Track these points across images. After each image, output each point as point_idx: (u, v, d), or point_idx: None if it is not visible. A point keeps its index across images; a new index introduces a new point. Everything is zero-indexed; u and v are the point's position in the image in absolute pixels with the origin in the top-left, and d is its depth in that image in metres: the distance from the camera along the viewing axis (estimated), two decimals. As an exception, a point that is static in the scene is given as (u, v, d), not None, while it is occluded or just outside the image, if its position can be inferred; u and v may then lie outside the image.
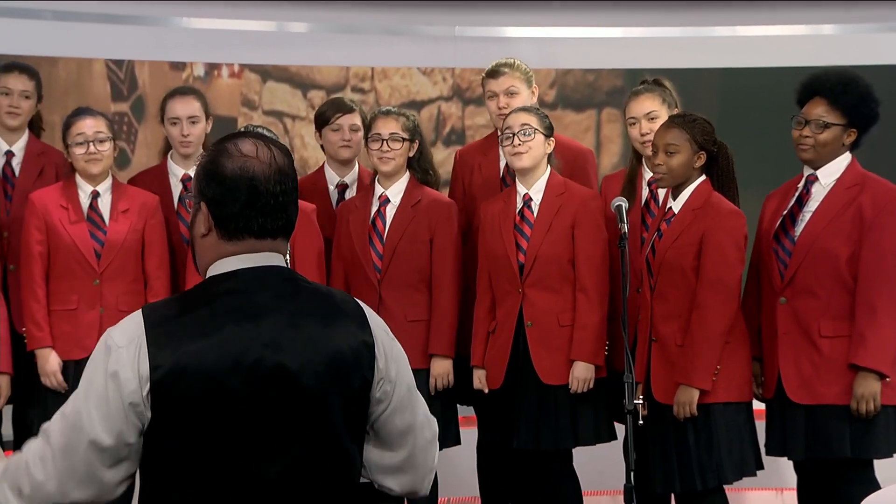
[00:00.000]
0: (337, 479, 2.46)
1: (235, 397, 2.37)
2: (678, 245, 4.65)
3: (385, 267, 5.11)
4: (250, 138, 2.50)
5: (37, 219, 5.06)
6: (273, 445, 2.39)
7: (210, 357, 2.37)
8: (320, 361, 2.42)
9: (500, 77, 5.34)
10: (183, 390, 2.36)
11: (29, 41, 6.60)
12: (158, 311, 2.44)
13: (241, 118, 7.05)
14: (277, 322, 2.42)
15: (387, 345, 2.52)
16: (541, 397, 4.94)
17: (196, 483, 2.39)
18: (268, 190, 2.45)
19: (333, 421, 2.44)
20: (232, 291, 2.44)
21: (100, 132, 5.11)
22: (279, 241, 2.51)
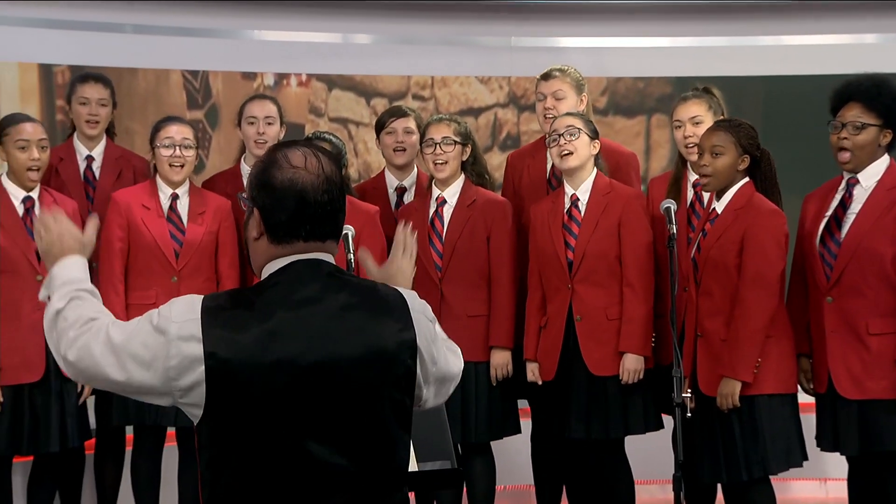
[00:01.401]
0: (381, 464, 2.46)
1: (280, 387, 2.39)
2: (721, 243, 4.64)
3: (445, 265, 5.14)
4: (300, 149, 2.52)
5: (119, 216, 5.12)
6: (318, 432, 2.41)
7: (257, 348, 2.39)
8: (364, 352, 2.44)
9: (551, 80, 5.34)
10: (232, 379, 2.39)
11: (111, 53, 6.67)
12: (216, 302, 2.46)
13: (308, 125, 7.09)
14: (322, 315, 2.44)
15: (425, 329, 2.54)
16: (591, 388, 4.94)
17: (247, 466, 2.41)
18: (316, 200, 2.48)
19: (378, 409, 2.45)
20: (279, 286, 2.47)
21: (186, 139, 5.18)
22: (328, 243, 2.53)
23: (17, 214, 4.97)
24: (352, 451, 2.43)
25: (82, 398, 5.06)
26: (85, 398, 5.08)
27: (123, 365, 2.45)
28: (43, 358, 4.92)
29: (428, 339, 2.53)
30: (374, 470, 2.45)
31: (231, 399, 2.40)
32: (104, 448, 5.46)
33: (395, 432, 2.48)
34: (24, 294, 4.91)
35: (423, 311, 2.56)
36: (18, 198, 4.99)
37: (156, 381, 2.44)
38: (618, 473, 5.08)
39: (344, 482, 2.42)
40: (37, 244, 2.67)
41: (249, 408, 2.40)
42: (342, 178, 2.55)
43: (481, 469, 5.24)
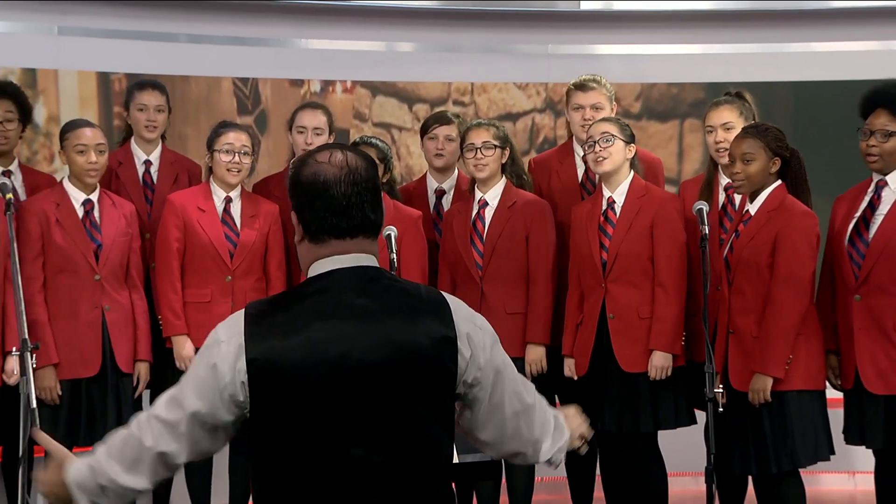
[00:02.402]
0: (423, 461, 2.44)
1: (321, 389, 2.39)
2: (754, 244, 4.64)
3: (486, 264, 5.16)
4: (328, 148, 2.52)
5: (175, 217, 5.16)
6: (358, 432, 2.40)
7: (298, 352, 2.40)
8: (401, 355, 2.41)
9: (589, 92, 5.34)
10: (274, 382, 2.40)
11: (165, 61, 6.71)
12: (258, 309, 2.47)
13: (353, 130, 7.12)
14: (361, 319, 2.42)
15: (473, 335, 2.48)
16: (622, 384, 4.95)
17: (290, 465, 2.42)
18: (339, 191, 2.45)
19: (416, 409, 2.43)
20: (320, 291, 2.46)
21: (245, 146, 5.21)
22: (361, 239, 2.49)
23: (77, 216, 5.01)
24: (390, 450, 2.42)
25: (138, 392, 5.10)
26: (140, 392, 5.13)
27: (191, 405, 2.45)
28: (100, 353, 4.97)
29: (473, 344, 2.47)
30: (414, 468, 2.43)
31: (273, 401, 2.42)
32: (158, 440, 5.50)
33: (436, 431, 2.45)
34: (82, 293, 4.97)
35: (471, 319, 2.50)
36: (79, 200, 5.03)
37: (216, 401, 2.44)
38: (651, 467, 5.09)
39: (383, 480, 2.42)
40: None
41: (290, 410, 2.41)
42: (374, 175, 2.50)
43: (519, 461, 5.25)
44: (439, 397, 2.45)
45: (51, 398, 4.90)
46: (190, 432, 2.46)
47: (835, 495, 6.38)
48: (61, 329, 4.94)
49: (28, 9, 6.46)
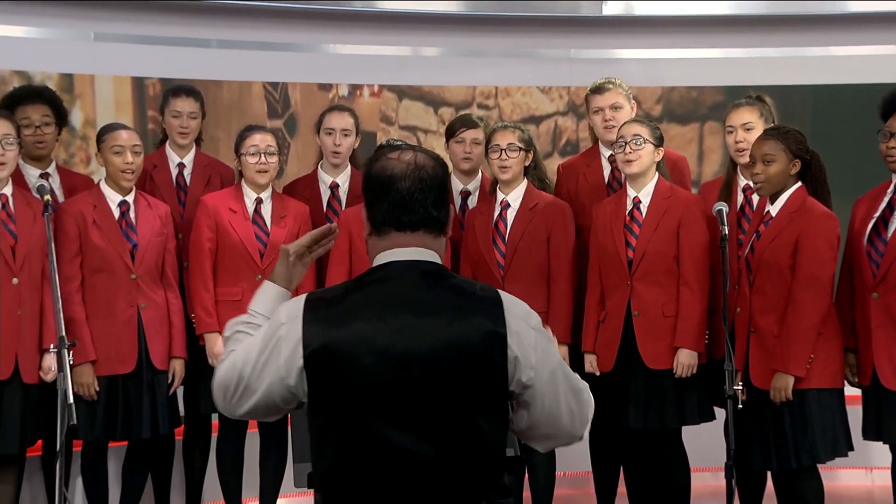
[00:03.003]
0: (472, 454, 2.45)
1: (370, 377, 2.43)
2: (776, 245, 4.63)
3: (507, 264, 5.16)
4: (401, 147, 2.57)
5: (208, 218, 5.18)
6: (406, 420, 2.43)
7: (349, 340, 2.43)
8: (450, 349, 2.43)
9: (606, 93, 5.35)
10: (327, 368, 2.45)
11: (198, 67, 6.74)
12: (317, 296, 2.52)
13: (380, 133, 7.14)
14: (411, 312, 2.45)
15: (525, 334, 2.48)
16: (647, 381, 4.96)
17: (342, 450, 2.46)
18: (404, 186, 2.50)
19: (463, 401, 2.44)
20: (377, 282, 2.50)
21: (270, 146, 5.23)
22: (422, 234, 2.52)
23: (114, 217, 5.03)
24: (438, 442, 2.43)
25: (172, 388, 5.13)
26: (175, 388, 5.16)
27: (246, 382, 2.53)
28: (136, 350, 5.01)
29: (524, 343, 2.47)
30: (462, 460, 2.45)
31: (326, 387, 2.46)
32: (192, 435, 5.52)
33: (485, 425, 2.45)
34: (118, 292, 5.00)
35: (524, 318, 2.50)
36: (115, 202, 5.05)
37: (275, 380, 2.49)
38: (676, 462, 5.09)
39: (431, 470, 2.44)
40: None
41: (341, 396, 2.44)
42: (441, 174, 2.54)
43: (542, 456, 5.26)
44: (489, 392, 2.46)
45: (89, 394, 4.94)
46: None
47: (852, 490, 6.37)
48: (99, 327, 4.97)
49: (65, 16, 6.50)
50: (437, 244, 2.55)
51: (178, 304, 5.16)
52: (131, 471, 5.25)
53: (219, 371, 2.59)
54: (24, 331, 4.78)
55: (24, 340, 4.77)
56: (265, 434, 5.35)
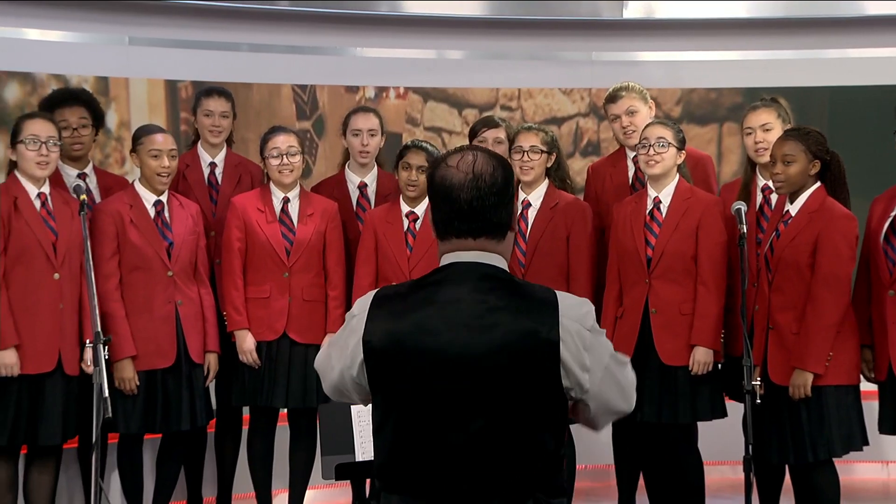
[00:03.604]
0: (520, 451, 2.45)
1: (424, 375, 2.45)
2: (795, 244, 4.63)
3: (528, 262, 5.17)
4: (465, 150, 2.55)
5: (237, 219, 5.22)
6: (455, 418, 2.44)
7: (407, 338, 2.46)
8: (502, 351, 2.43)
9: (619, 101, 5.36)
10: (385, 363, 2.49)
11: (229, 69, 6.76)
12: (384, 292, 2.56)
13: (405, 134, 7.15)
14: (466, 312, 2.46)
15: (579, 336, 2.47)
16: (662, 376, 4.96)
17: (396, 442, 2.49)
18: (461, 196, 2.50)
19: (514, 402, 2.44)
20: (437, 283, 2.52)
21: (292, 147, 5.25)
22: (484, 240, 2.52)
23: (150, 216, 5.07)
24: (488, 441, 2.44)
25: (208, 381, 5.17)
26: (209, 381, 5.19)
27: (333, 366, 2.59)
28: (174, 346, 5.05)
29: (578, 344, 2.47)
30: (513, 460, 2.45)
31: (384, 381, 2.50)
32: (223, 428, 5.56)
33: (534, 425, 2.46)
34: (156, 288, 5.04)
35: (580, 321, 2.49)
36: (150, 201, 5.09)
37: (343, 368, 2.55)
38: (688, 457, 5.09)
39: (482, 469, 2.45)
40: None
41: (397, 391, 2.48)
42: (500, 177, 2.52)
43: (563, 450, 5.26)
44: (541, 395, 2.46)
45: (129, 389, 4.97)
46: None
47: (868, 484, 6.36)
48: (138, 323, 5.01)
49: (101, 20, 6.54)
50: (500, 246, 2.55)
51: (211, 300, 5.20)
52: (165, 463, 5.28)
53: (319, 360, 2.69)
54: (66, 324, 4.82)
55: (66, 334, 4.82)
56: (294, 427, 5.38)
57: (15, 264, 4.77)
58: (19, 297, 4.75)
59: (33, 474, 4.92)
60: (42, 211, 4.85)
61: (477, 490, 2.45)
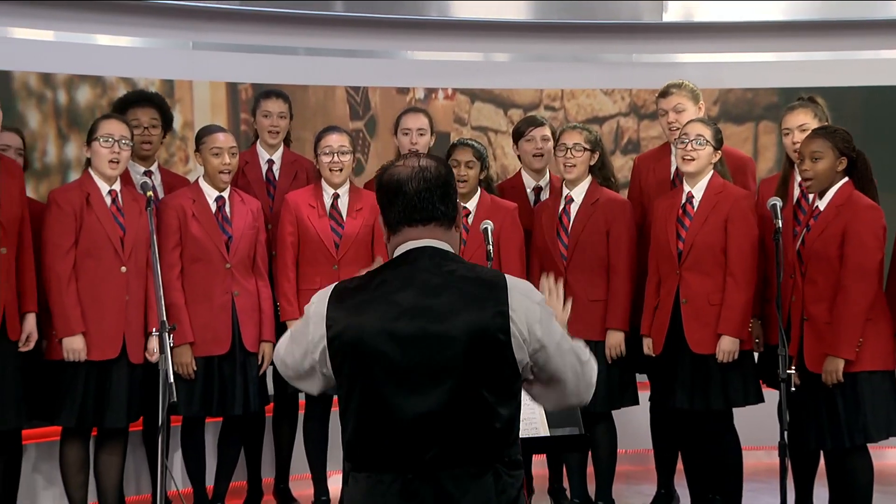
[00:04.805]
0: (478, 423, 2.49)
1: (383, 355, 2.49)
2: (824, 237, 4.60)
3: (570, 255, 5.17)
4: (407, 155, 2.66)
5: (290, 214, 5.23)
6: (412, 395, 2.48)
7: (365, 322, 2.50)
8: (457, 328, 2.48)
9: (669, 97, 5.33)
10: (345, 348, 2.52)
11: (286, 72, 6.80)
12: (342, 286, 2.60)
13: (453, 133, 7.15)
14: (421, 294, 2.51)
15: (529, 310, 2.51)
16: (694, 364, 4.94)
17: (361, 422, 2.52)
18: (410, 187, 2.57)
19: (470, 376, 2.48)
20: (390, 268, 2.57)
21: (343, 146, 5.26)
22: (433, 227, 2.58)
23: (211, 211, 5.11)
24: (444, 413, 2.48)
25: (262, 369, 5.19)
26: (264, 369, 5.21)
27: (291, 351, 2.63)
28: (230, 334, 5.08)
29: (529, 319, 2.51)
30: (467, 429, 2.49)
31: (346, 365, 2.53)
32: (281, 412, 5.58)
33: (489, 397, 2.49)
34: (215, 279, 5.07)
35: (527, 295, 2.54)
36: (212, 197, 5.13)
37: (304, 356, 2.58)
38: (726, 442, 5.06)
39: (437, 439, 2.48)
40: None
41: (359, 373, 2.51)
42: (443, 173, 2.60)
43: (604, 435, 5.26)
44: (496, 368, 2.50)
45: (187, 373, 5.02)
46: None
47: (901, 469, 6.28)
48: (197, 312, 5.04)
49: (167, 27, 6.60)
50: (448, 236, 2.61)
51: (268, 292, 5.22)
52: (226, 444, 5.32)
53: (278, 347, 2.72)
54: (131, 315, 4.87)
55: (131, 324, 4.87)
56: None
57: (85, 257, 4.82)
58: (88, 289, 4.81)
59: (103, 455, 4.98)
60: (112, 207, 4.90)
61: (437, 463, 2.48)
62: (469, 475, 2.49)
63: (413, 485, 2.48)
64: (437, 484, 2.48)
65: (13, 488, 5.04)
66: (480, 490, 2.49)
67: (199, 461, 5.27)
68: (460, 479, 2.48)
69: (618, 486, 5.40)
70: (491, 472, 2.50)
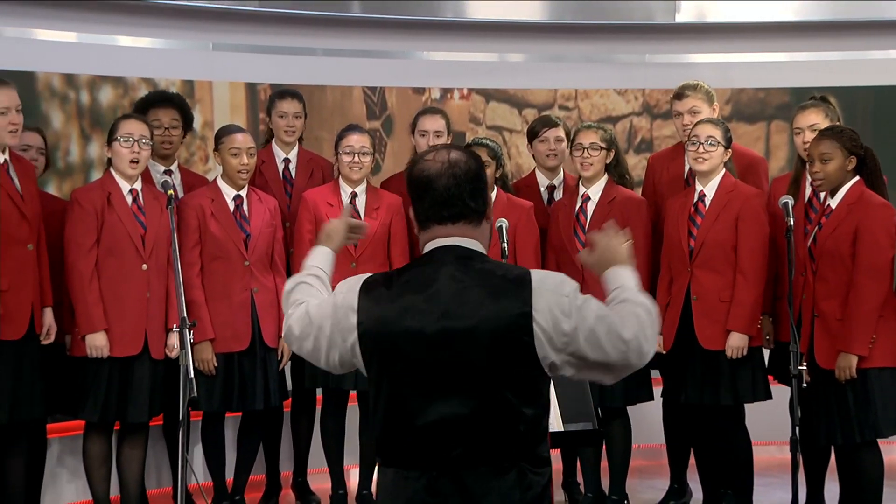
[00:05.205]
0: (501, 423, 2.46)
1: (406, 355, 2.48)
2: (836, 235, 4.59)
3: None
4: (435, 148, 2.58)
5: (308, 212, 5.23)
6: (438, 393, 2.46)
7: (391, 319, 2.49)
8: (480, 328, 2.44)
9: (685, 99, 5.32)
10: (375, 344, 2.51)
11: (304, 73, 6.80)
12: (372, 279, 2.57)
13: (468, 132, 7.14)
14: (445, 293, 2.47)
15: (556, 304, 2.45)
16: (704, 360, 4.93)
17: (388, 417, 2.51)
18: (439, 184, 2.51)
19: (493, 376, 2.45)
20: (419, 265, 2.55)
21: (364, 146, 5.26)
22: (462, 225, 2.53)
23: (229, 210, 5.12)
24: (468, 412, 2.45)
25: (282, 364, 5.20)
26: (283, 365, 5.23)
27: (315, 336, 2.60)
28: (249, 330, 5.08)
29: (554, 313, 2.44)
30: (491, 429, 2.46)
31: (375, 359, 2.52)
32: (298, 407, 5.59)
33: (512, 397, 2.46)
34: (234, 277, 5.08)
35: (554, 290, 2.47)
36: (230, 196, 5.14)
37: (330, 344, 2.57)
38: (737, 437, 5.05)
39: (462, 438, 2.46)
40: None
41: (385, 371, 2.50)
42: (474, 167, 2.54)
43: (619, 430, 5.25)
44: (519, 369, 2.46)
45: (208, 369, 5.03)
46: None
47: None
48: (216, 309, 5.05)
49: (187, 28, 6.61)
50: (477, 232, 2.56)
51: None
52: (245, 439, 5.33)
53: (291, 319, 2.66)
54: (152, 312, 4.88)
55: (152, 320, 4.88)
56: (365, 406, 5.40)
57: (107, 256, 4.84)
58: (110, 287, 4.82)
59: (125, 449, 5.00)
60: (133, 206, 4.91)
61: (461, 462, 2.46)
62: (493, 473, 2.47)
63: (438, 482, 2.47)
64: (461, 482, 2.46)
65: (38, 481, 5.06)
66: (504, 487, 2.46)
67: (219, 455, 5.29)
68: (484, 477, 2.46)
69: (631, 481, 5.39)
70: (515, 469, 2.48)
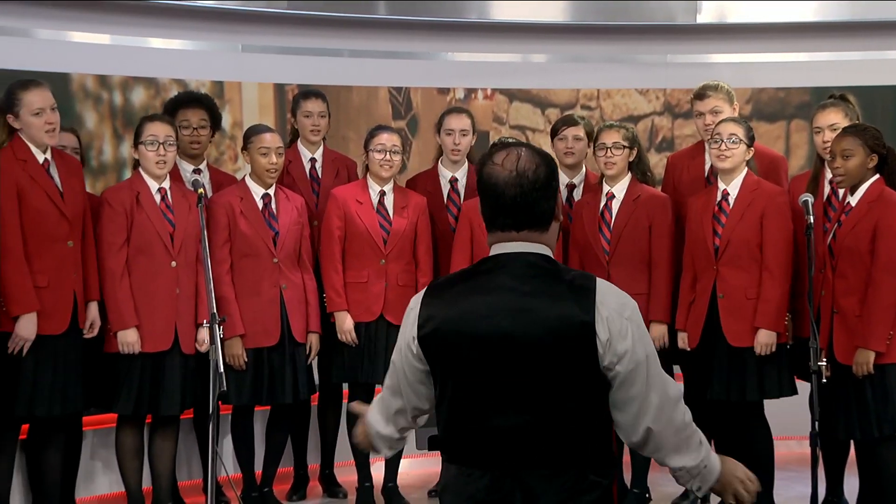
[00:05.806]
0: (563, 428, 2.43)
1: (468, 358, 2.45)
2: (855, 232, 4.57)
3: (612, 250, 5.15)
4: (509, 148, 2.51)
5: (337, 209, 5.24)
6: (499, 396, 2.43)
7: (453, 323, 2.46)
8: (541, 333, 2.40)
9: (706, 99, 5.29)
10: (436, 348, 2.49)
11: (331, 74, 6.81)
12: (436, 284, 2.56)
13: (492, 132, 7.14)
14: (509, 299, 2.44)
15: (614, 323, 2.41)
16: (730, 357, 4.91)
17: (452, 418, 2.50)
18: (506, 193, 2.45)
19: (553, 381, 2.42)
20: (484, 271, 2.50)
21: (395, 146, 5.27)
22: (526, 232, 2.48)
23: (258, 208, 5.14)
24: (530, 417, 2.43)
25: (310, 359, 5.21)
26: (311, 359, 5.24)
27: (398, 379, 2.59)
28: (279, 326, 5.10)
29: (612, 331, 2.41)
30: (553, 433, 2.43)
31: (437, 363, 2.50)
32: (325, 401, 5.61)
33: (573, 404, 2.43)
34: (263, 273, 5.10)
35: (618, 309, 2.43)
36: (258, 194, 5.16)
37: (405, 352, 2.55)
38: (758, 433, 5.03)
39: (524, 441, 2.44)
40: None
41: (448, 371, 2.48)
42: (543, 174, 2.47)
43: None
44: (581, 376, 2.42)
45: (238, 364, 5.05)
46: (403, 386, 2.58)
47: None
48: (246, 305, 5.08)
49: (217, 30, 6.64)
50: (544, 236, 2.51)
51: (314, 285, 5.24)
52: (273, 432, 5.35)
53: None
54: (182, 308, 4.90)
55: (182, 316, 4.90)
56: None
57: (137, 254, 4.86)
58: (140, 284, 4.84)
59: (157, 441, 5.02)
60: (161, 204, 4.93)
61: (522, 464, 2.44)
62: (554, 475, 2.44)
63: (500, 481, 2.45)
64: (523, 481, 2.44)
65: (73, 473, 5.09)
66: (565, 488, 2.43)
67: (249, 448, 5.31)
68: (545, 478, 2.44)
69: (653, 475, 5.38)
70: (576, 471, 2.44)
